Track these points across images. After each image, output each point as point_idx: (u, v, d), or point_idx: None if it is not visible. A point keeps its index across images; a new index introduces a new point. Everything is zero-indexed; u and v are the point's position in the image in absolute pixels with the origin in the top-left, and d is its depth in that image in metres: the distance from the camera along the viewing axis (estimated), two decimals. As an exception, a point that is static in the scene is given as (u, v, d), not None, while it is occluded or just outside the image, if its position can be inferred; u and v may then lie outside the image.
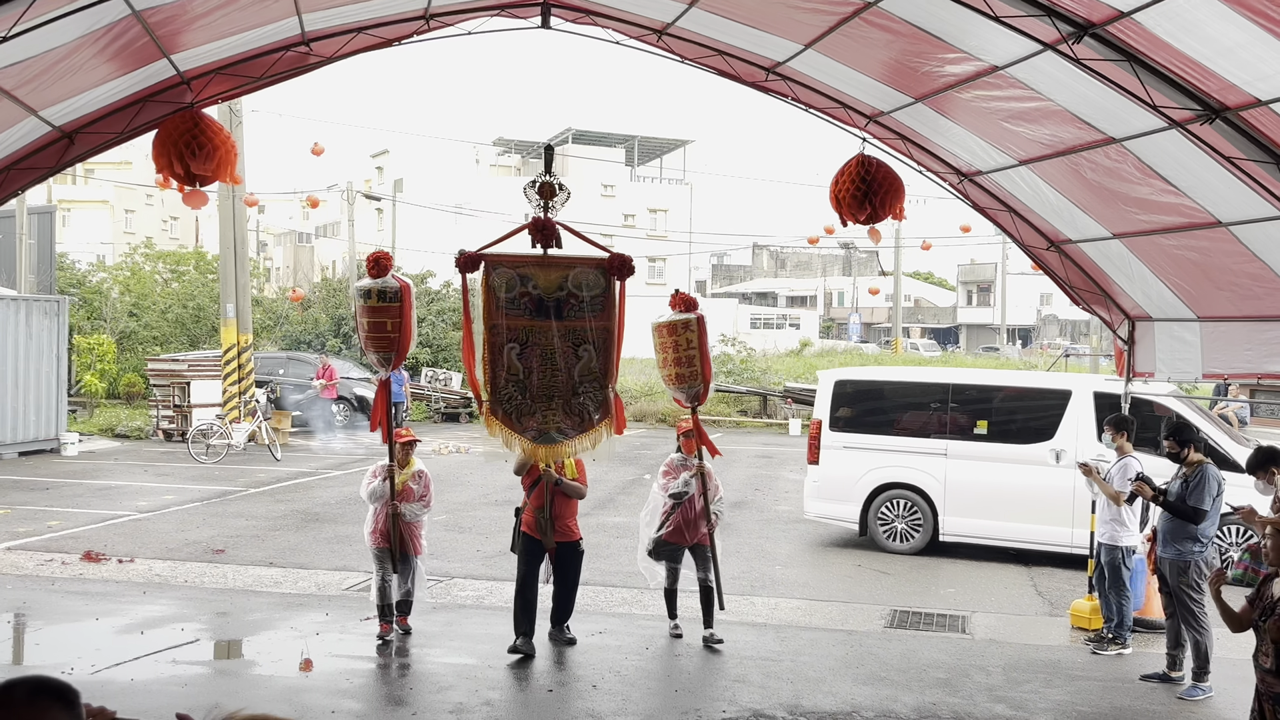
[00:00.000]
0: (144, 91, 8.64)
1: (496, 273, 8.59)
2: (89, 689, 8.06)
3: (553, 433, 8.68)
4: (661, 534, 9.58)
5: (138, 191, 65.98)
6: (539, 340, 8.61)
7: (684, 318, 9.16)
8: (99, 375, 30.51)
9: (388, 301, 8.82)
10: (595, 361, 8.69)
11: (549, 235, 8.55)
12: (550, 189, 8.62)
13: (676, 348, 9.16)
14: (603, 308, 8.70)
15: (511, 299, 8.57)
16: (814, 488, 14.44)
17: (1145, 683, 8.98)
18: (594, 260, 8.72)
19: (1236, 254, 8.32)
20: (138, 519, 14.98)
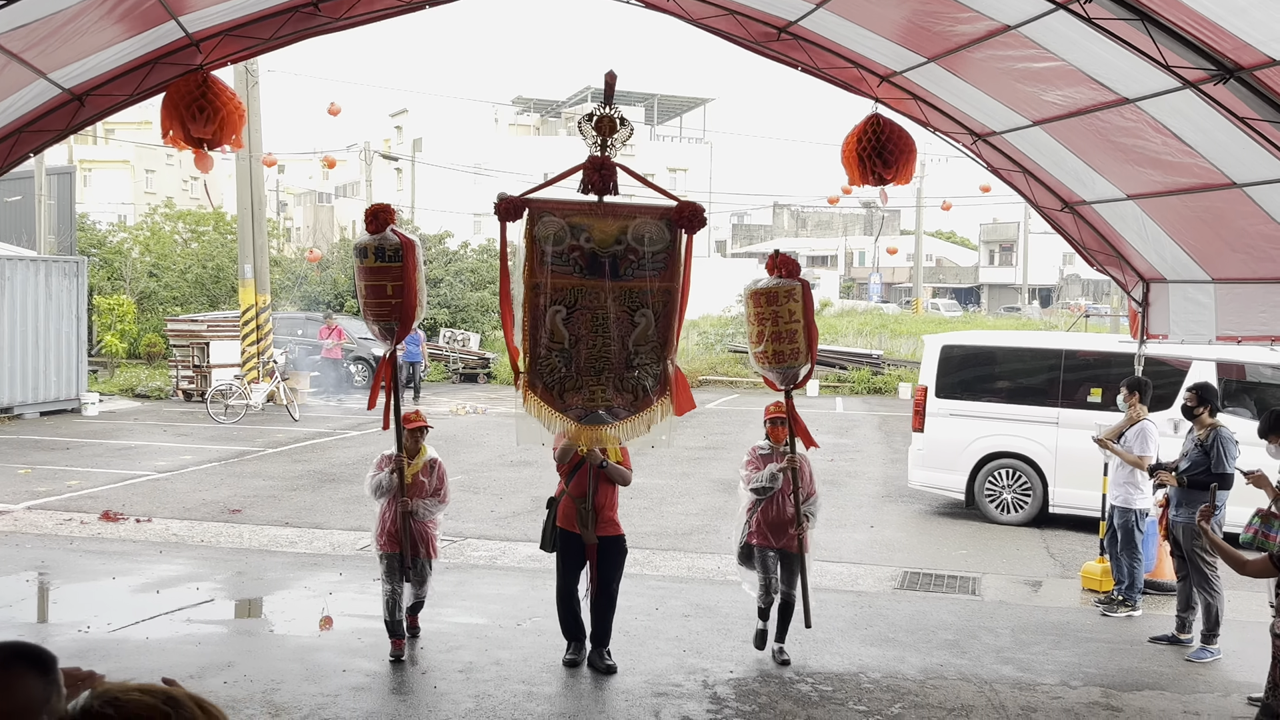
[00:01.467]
0: (153, 53, 8.62)
1: (543, 222, 7.38)
2: (105, 647, 8.24)
3: (601, 412, 7.55)
4: (746, 538, 8.30)
5: (158, 151, 66.00)
6: (589, 303, 7.45)
7: (786, 284, 7.84)
8: (119, 335, 30.70)
9: (386, 260, 7.63)
10: (654, 329, 7.54)
11: (607, 178, 7.40)
12: (610, 123, 7.43)
13: (776, 319, 7.81)
14: (665, 265, 7.52)
15: (560, 253, 7.39)
16: (918, 456, 14.09)
17: (1154, 644, 8.99)
18: (659, 210, 7.54)
19: (1251, 215, 8.23)
20: (156, 479, 15.13)
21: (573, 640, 8.14)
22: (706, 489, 15.38)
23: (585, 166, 7.41)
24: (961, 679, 8.02)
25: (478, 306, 34.26)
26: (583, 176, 7.42)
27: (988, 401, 13.69)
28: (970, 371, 14.05)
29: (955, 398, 13.78)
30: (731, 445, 19.43)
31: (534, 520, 12.65)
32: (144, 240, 37.28)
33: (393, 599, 8.06)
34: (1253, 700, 7.64)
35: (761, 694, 7.61)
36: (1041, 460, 13.17)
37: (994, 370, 14.18)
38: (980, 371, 14.13)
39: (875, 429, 22.89)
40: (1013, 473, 13.44)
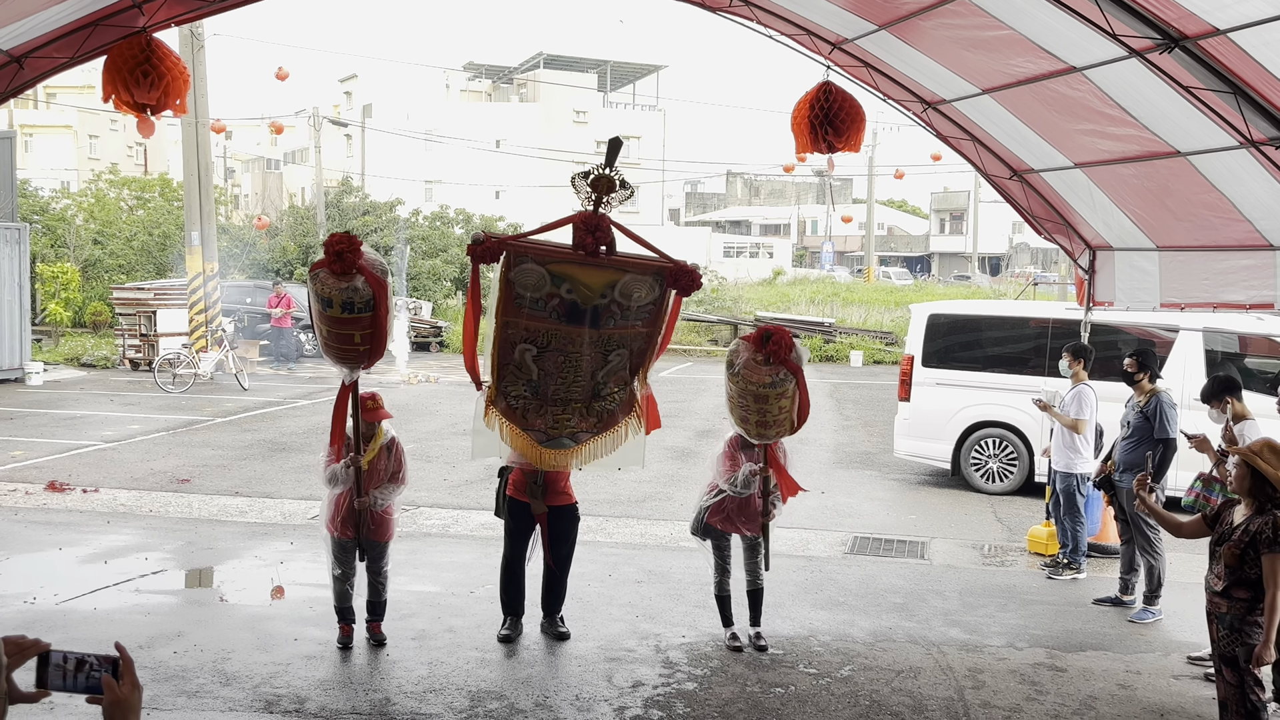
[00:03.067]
0: (95, 15, 8.44)
1: (521, 268, 6.84)
2: (52, 618, 8.13)
3: (564, 438, 7.21)
4: (706, 518, 7.94)
5: (101, 116, 64.75)
6: (563, 346, 7.03)
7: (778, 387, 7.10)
8: (63, 304, 30.20)
9: (356, 313, 6.79)
10: (627, 364, 7.20)
11: (601, 238, 6.79)
12: (609, 185, 6.86)
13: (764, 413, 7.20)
14: (650, 317, 7.09)
15: (537, 300, 6.91)
16: (904, 425, 14.07)
17: (1098, 606, 9.16)
18: (651, 266, 6.99)
19: (1194, 184, 8.36)
20: (103, 449, 14.95)
21: (510, 614, 7.98)
22: (660, 456, 15.41)
23: (576, 223, 6.86)
24: (910, 641, 8.14)
25: (429, 274, 34.07)
26: (573, 234, 6.88)
27: (974, 371, 13.70)
28: (957, 340, 14.02)
29: (942, 367, 13.77)
30: (685, 413, 19.50)
31: (486, 488, 12.65)
32: (88, 207, 36.62)
33: (344, 587, 7.66)
34: (1192, 659, 7.83)
35: (714, 658, 7.68)
36: (1028, 429, 13.17)
37: (981, 339, 14.15)
38: (967, 341, 14.10)
39: (827, 396, 23.04)
40: (999, 442, 13.45)
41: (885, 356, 31.28)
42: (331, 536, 7.64)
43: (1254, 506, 5.71)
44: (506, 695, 6.93)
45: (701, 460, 14.94)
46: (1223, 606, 5.74)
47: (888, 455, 16.08)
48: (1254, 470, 5.68)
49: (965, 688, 7.26)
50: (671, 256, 7.13)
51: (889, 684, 7.29)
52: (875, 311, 37.75)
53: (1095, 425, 9.97)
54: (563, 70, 67.35)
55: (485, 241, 6.84)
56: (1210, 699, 7.00)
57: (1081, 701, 7.09)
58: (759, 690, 7.12)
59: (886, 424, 19.17)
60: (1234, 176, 7.93)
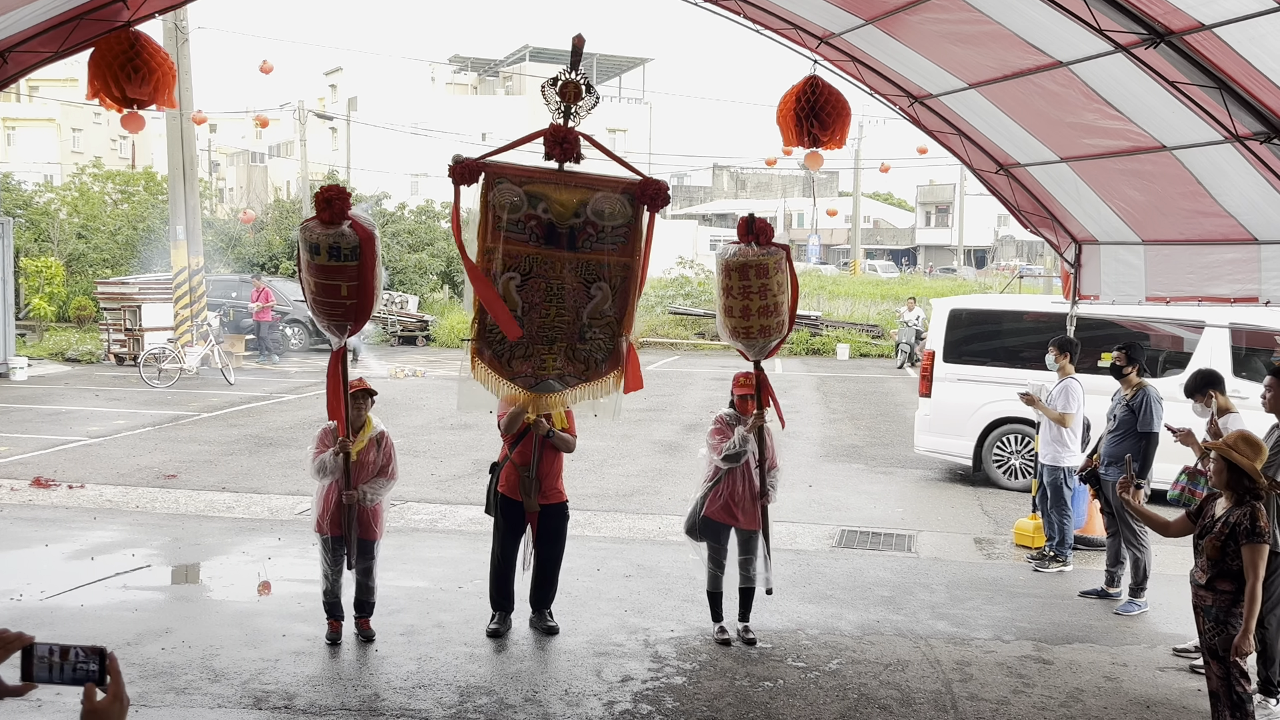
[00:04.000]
0: (78, 9, 8.39)
1: (499, 188, 6.92)
2: (39, 615, 8.10)
3: (552, 380, 7.20)
4: (704, 510, 7.90)
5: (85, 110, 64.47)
6: (545, 272, 7.03)
7: (774, 255, 7.23)
8: (47, 298, 30.06)
9: (343, 260, 6.80)
10: (610, 303, 7.15)
11: (569, 148, 6.93)
12: (575, 89, 6.95)
13: (765, 293, 7.22)
14: (625, 240, 7.09)
15: (515, 221, 6.94)
16: (925, 421, 13.87)
17: (1084, 599, 9.21)
18: (621, 183, 7.06)
19: (1179, 178, 8.39)
20: (88, 444, 14.89)
21: (499, 610, 8.01)
22: (647, 451, 15.44)
23: (546, 135, 6.90)
24: (898, 634, 8.17)
25: (416, 268, 34.00)
26: (544, 146, 6.95)
27: (996, 366, 13.31)
28: (979, 336, 13.74)
29: (963, 362, 13.54)
30: (671, 407, 19.52)
31: (474, 483, 12.65)
32: (72, 201, 36.43)
33: (333, 585, 7.62)
34: (1178, 651, 7.88)
35: (702, 652, 7.70)
36: None
37: (1003, 335, 13.84)
38: (989, 336, 13.80)
39: (814, 389, 23.11)
40: (1021, 438, 13.21)
41: (871, 349, 31.35)
42: (321, 535, 7.60)
43: (1233, 499, 5.77)
44: (496, 690, 6.93)
45: (689, 454, 14.96)
46: (1208, 599, 5.78)
47: (875, 449, 16.15)
48: (1230, 463, 5.73)
49: (953, 680, 7.29)
50: (639, 170, 7.21)
51: (877, 677, 7.31)
52: (861, 305, 37.87)
53: (1082, 419, 10.02)
54: (549, 63, 67.14)
55: (464, 162, 6.88)
56: (1196, 690, 7.06)
57: (1068, 694, 7.13)
58: (747, 684, 7.14)
59: (873, 417, 19.26)
60: (1219, 171, 7.97)
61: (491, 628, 7.94)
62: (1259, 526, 5.61)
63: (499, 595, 8.02)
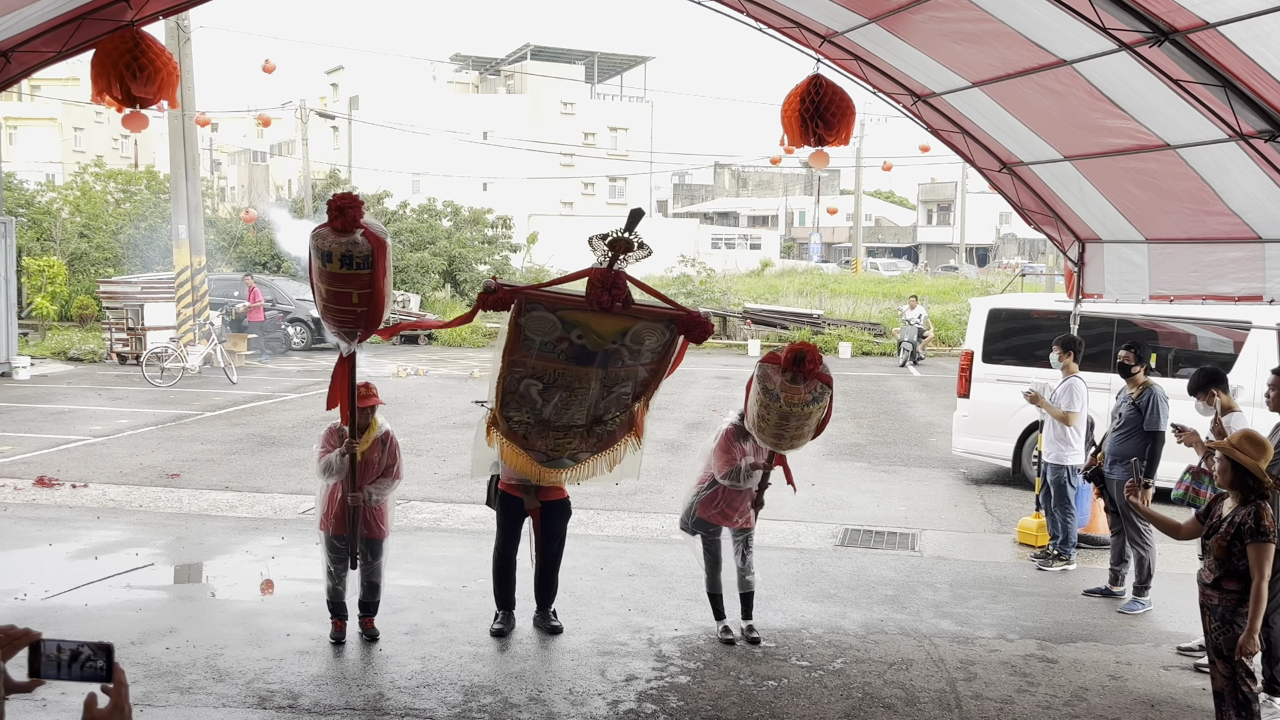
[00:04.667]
0: (82, 8, 8.40)
1: (532, 315, 6.76)
2: (43, 614, 8.10)
3: (564, 459, 7.30)
4: (697, 512, 7.98)
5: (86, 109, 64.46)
6: (569, 384, 7.01)
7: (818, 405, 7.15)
8: (50, 298, 30.09)
9: (355, 269, 6.66)
10: (630, 393, 7.23)
11: (617, 295, 6.70)
12: (626, 246, 6.76)
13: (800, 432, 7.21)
14: (658, 358, 7.11)
15: (546, 343, 6.85)
16: (963, 422, 13.60)
17: (1088, 597, 9.20)
18: (664, 315, 6.96)
19: (1183, 176, 8.38)
20: (91, 443, 14.90)
21: (503, 608, 8.02)
22: (650, 449, 15.31)
23: (593, 279, 6.74)
24: (901, 633, 8.17)
25: (417, 267, 33.99)
26: (587, 290, 6.77)
27: (1036, 367, 12.63)
28: (1018, 336, 13.46)
29: (1002, 363, 13.25)
30: (674, 405, 19.50)
31: (477, 482, 12.58)
32: (74, 200, 36.44)
33: (337, 585, 7.62)
34: (1182, 650, 7.87)
35: (706, 651, 7.70)
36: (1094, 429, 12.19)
37: (1042, 335, 13.31)
38: (1029, 336, 13.43)
39: (816, 388, 23.07)
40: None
41: (874, 348, 31.33)
42: (325, 533, 7.60)
43: (1239, 498, 5.77)
44: (500, 690, 6.93)
45: (692, 453, 14.93)
46: (1214, 598, 5.78)
47: (877, 447, 16.15)
48: (1235, 463, 5.73)
49: (957, 679, 7.29)
50: (683, 306, 7.15)
51: (881, 676, 7.31)
52: (863, 303, 37.84)
53: (1086, 417, 10.01)
54: (550, 61, 67.24)
55: (496, 291, 6.72)
56: (1200, 689, 7.06)
57: (1072, 693, 7.13)
58: (752, 683, 7.14)
59: (876, 415, 19.26)
60: (1223, 169, 7.96)
61: (495, 627, 7.95)
62: (1264, 526, 5.60)
63: (501, 592, 8.04)
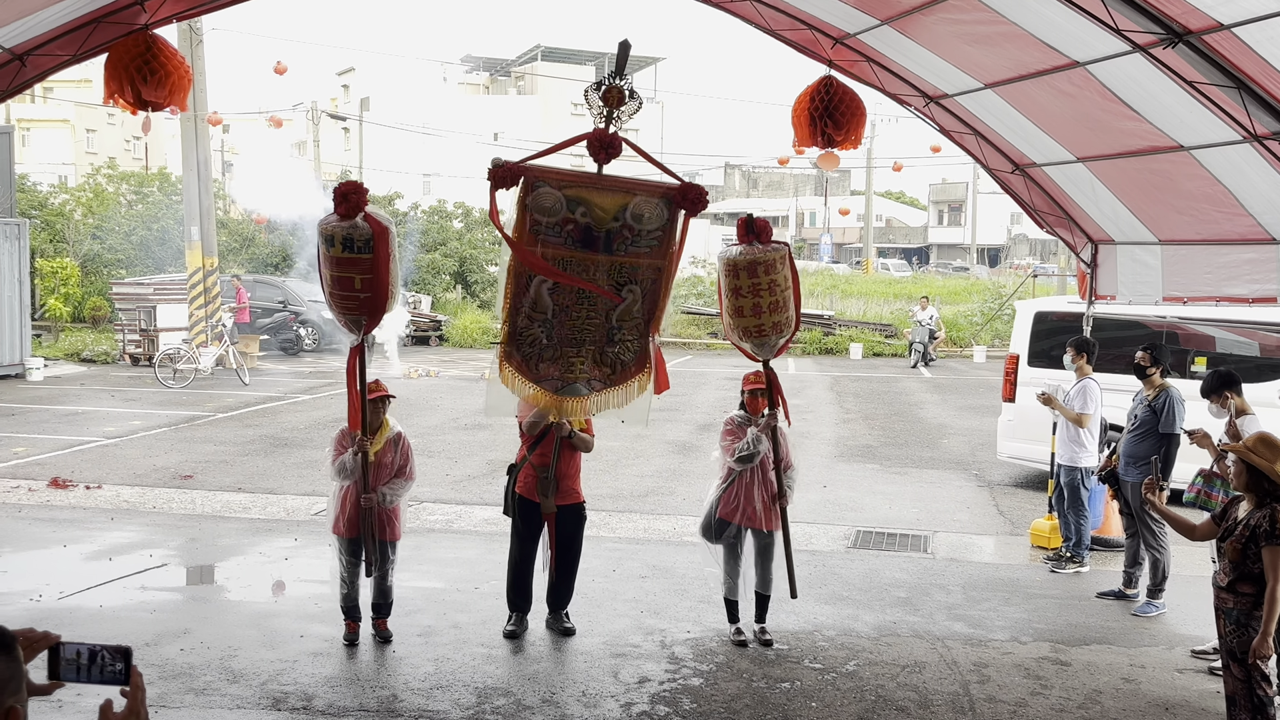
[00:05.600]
0: (96, 12, 8.44)
1: (538, 192, 6.86)
2: (58, 615, 8.13)
3: (579, 384, 7.25)
4: (718, 512, 7.89)
5: (98, 111, 64.75)
6: (578, 274, 7.03)
7: (777, 251, 7.21)
8: (63, 299, 30.20)
9: (355, 252, 6.85)
10: (639, 305, 7.17)
11: (614, 152, 6.92)
12: (619, 95, 6.90)
13: (773, 289, 7.19)
14: (659, 243, 7.10)
15: (551, 225, 6.91)
16: (1008, 427, 13.29)
17: (1101, 600, 9.18)
18: (660, 187, 7.05)
19: (1197, 178, 8.36)
20: (105, 445, 14.95)
21: (515, 611, 8.02)
22: (661, 451, 15.45)
23: (590, 139, 6.92)
24: (914, 636, 8.16)
25: (429, 268, 34.04)
26: (588, 150, 6.94)
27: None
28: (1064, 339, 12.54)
29: (1049, 367, 12.78)
30: (685, 407, 19.52)
31: (490, 483, 12.67)
32: (86, 202, 36.57)
33: (350, 587, 7.64)
34: (1196, 653, 7.85)
35: (719, 654, 7.70)
36: None
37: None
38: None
39: (827, 389, 23.08)
40: (1110, 445, 12.72)
41: (885, 349, 31.30)
42: (337, 536, 7.61)
43: (1254, 501, 5.76)
44: (513, 692, 6.94)
45: (704, 454, 14.95)
46: (1229, 601, 5.77)
47: (889, 449, 16.13)
48: (1250, 465, 5.72)
49: (970, 682, 7.28)
50: (678, 175, 7.21)
51: (894, 679, 7.30)
52: (874, 304, 37.84)
53: (1100, 419, 9.98)
54: (560, 62, 67.32)
55: (505, 165, 6.83)
56: (1215, 692, 7.03)
57: (1086, 695, 7.11)
58: (765, 685, 7.14)
59: (887, 417, 19.24)
60: (1237, 171, 7.93)
61: (508, 629, 7.95)
62: (1279, 529, 5.59)
63: (516, 596, 8.03)
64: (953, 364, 29.17)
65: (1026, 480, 13.79)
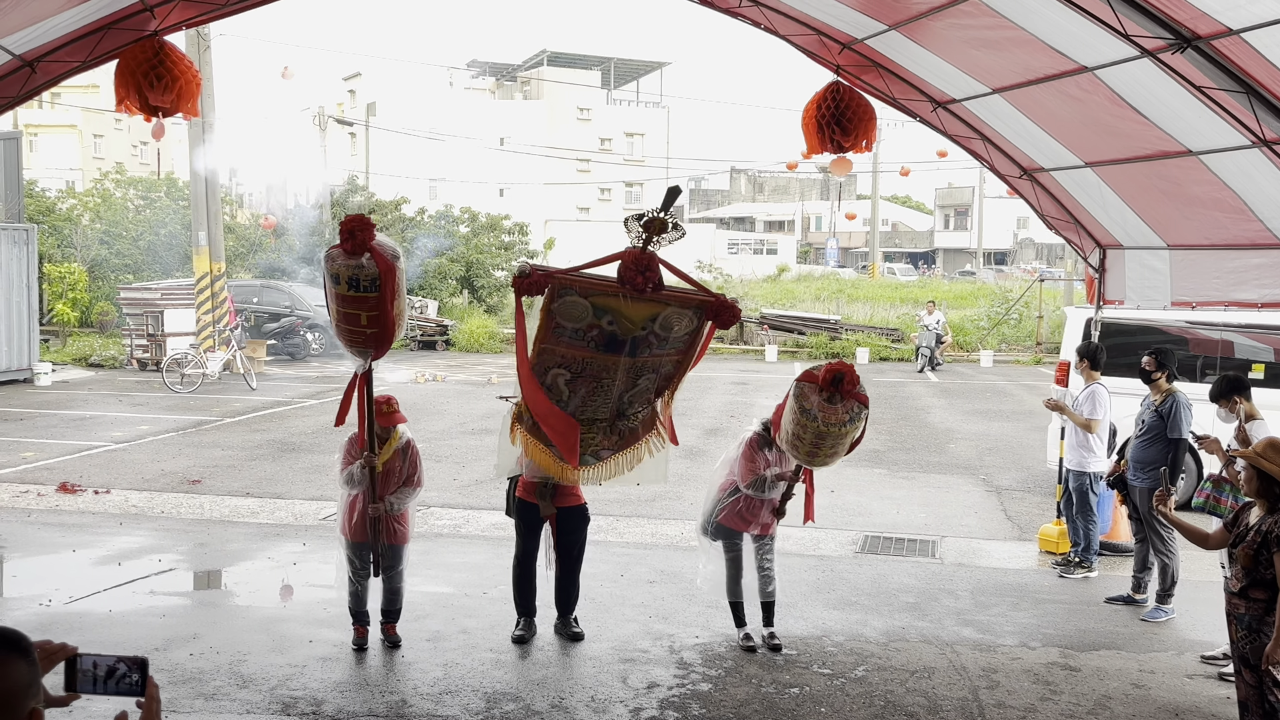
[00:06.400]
0: (106, 19, 8.48)
1: (565, 300, 6.78)
2: (67, 620, 8.15)
3: (587, 455, 7.25)
4: (718, 518, 7.97)
5: (106, 116, 64.82)
6: (597, 374, 7.05)
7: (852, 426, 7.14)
8: (71, 304, 30.25)
9: (362, 291, 6.78)
10: (654, 386, 7.28)
11: (650, 277, 6.74)
12: (661, 226, 6.79)
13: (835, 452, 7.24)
14: (684, 346, 7.14)
15: (578, 330, 6.88)
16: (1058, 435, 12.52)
17: (1110, 605, 9.16)
18: (694, 300, 7.01)
19: (1206, 183, 8.35)
20: (113, 449, 14.98)
21: (523, 615, 8.01)
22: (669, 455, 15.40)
23: (626, 261, 6.77)
24: (923, 641, 8.15)
25: (435, 273, 34.08)
26: (620, 271, 6.81)
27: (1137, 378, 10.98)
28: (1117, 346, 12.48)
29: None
30: (693, 411, 19.51)
31: (497, 488, 12.63)
32: (94, 207, 36.63)
33: (359, 591, 7.65)
34: (1206, 659, 7.83)
35: (728, 659, 7.70)
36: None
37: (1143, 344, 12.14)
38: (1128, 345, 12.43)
39: (834, 394, 23.02)
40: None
41: (891, 353, 31.27)
42: (345, 540, 7.64)
43: (1265, 506, 5.74)
44: (522, 697, 6.95)
45: (711, 459, 14.90)
46: (1241, 607, 5.75)
47: (897, 453, 16.11)
48: (1260, 472, 5.70)
49: (979, 688, 7.27)
50: (712, 291, 7.22)
51: (903, 684, 7.30)
52: (880, 308, 37.78)
53: (1109, 424, 9.97)
54: (567, 67, 67.37)
55: (531, 275, 6.77)
56: (1225, 698, 7.02)
57: (1096, 701, 7.10)
58: (774, 691, 7.13)
59: (895, 421, 19.21)
60: (1246, 175, 7.93)
61: (517, 634, 7.95)
62: (1290, 534, 5.57)
63: (521, 597, 8.04)
64: (960, 368, 29.14)
65: (1035, 485, 13.78)
